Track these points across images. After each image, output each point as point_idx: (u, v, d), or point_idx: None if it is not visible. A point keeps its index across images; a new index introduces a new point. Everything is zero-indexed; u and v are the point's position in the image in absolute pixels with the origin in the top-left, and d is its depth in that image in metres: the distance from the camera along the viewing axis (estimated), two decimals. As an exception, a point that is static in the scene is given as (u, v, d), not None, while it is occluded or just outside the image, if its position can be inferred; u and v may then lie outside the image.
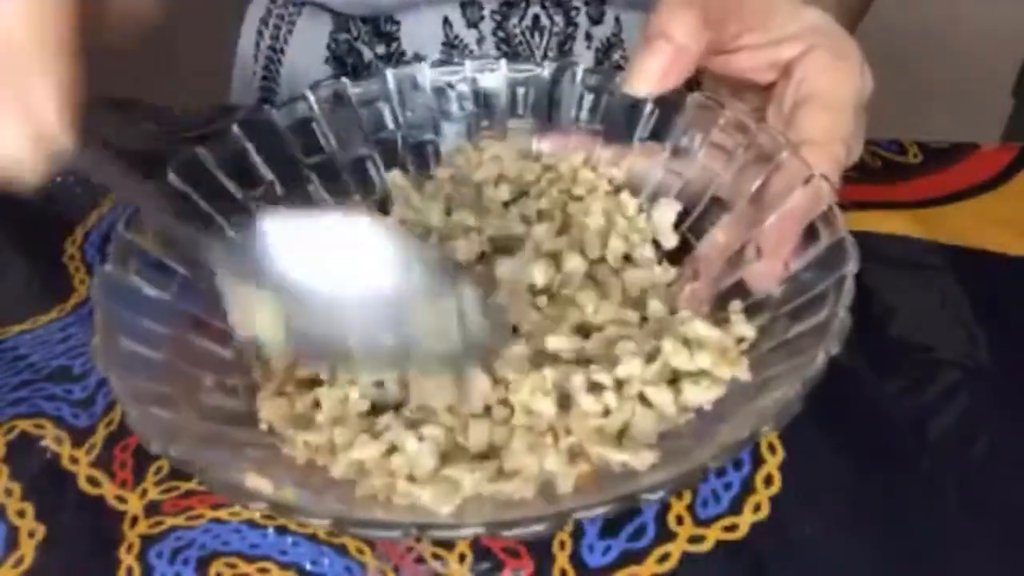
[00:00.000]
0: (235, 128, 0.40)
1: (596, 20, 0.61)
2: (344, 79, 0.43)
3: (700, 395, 0.34)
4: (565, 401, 0.34)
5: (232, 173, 0.40)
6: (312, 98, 0.42)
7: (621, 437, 0.33)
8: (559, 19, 0.60)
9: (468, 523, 0.29)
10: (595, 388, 0.34)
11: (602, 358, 0.36)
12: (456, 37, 0.60)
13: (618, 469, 0.32)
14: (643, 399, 0.34)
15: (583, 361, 0.36)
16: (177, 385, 0.33)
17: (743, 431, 0.30)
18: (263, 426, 0.35)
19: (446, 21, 0.60)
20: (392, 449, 0.33)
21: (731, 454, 0.30)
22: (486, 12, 0.60)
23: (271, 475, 0.30)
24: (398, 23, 0.61)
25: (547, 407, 0.34)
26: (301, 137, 0.42)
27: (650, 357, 0.35)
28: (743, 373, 0.34)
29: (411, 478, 0.32)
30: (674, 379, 0.35)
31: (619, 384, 0.34)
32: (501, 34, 0.60)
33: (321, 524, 0.32)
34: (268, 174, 0.41)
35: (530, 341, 0.36)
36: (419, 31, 0.61)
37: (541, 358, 0.36)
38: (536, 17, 0.60)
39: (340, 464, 0.33)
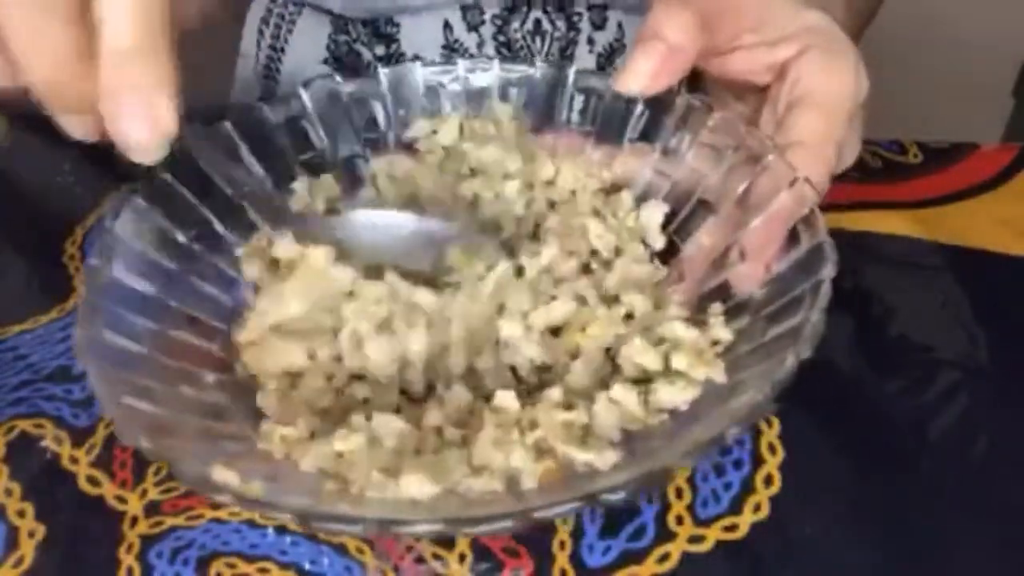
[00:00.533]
0: (227, 125, 0.40)
1: (598, 25, 0.60)
2: (337, 76, 0.43)
3: (675, 395, 0.34)
4: (530, 388, 0.35)
5: (222, 170, 0.40)
6: (304, 95, 0.42)
7: (587, 436, 0.33)
8: (561, 24, 0.60)
9: (429, 519, 0.29)
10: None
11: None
12: (456, 41, 0.60)
13: (582, 468, 0.32)
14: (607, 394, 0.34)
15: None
16: (160, 379, 0.33)
17: (710, 434, 0.29)
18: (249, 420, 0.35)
19: (446, 25, 0.60)
20: (371, 441, 0.33)
21: (695, 456, 0.30)
22: (487, 16, 0.59)
23: (241, 469, 0.29)
24: (398, 26, 0.61)
25: (511, 401, 0.34)
26: (292, 134, 0.42)
27: (609, 353, 0.36)
28: (718, 375, 0.34)
29: (385, 470, 0.32)
30: (646, 378, 0.35)
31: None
32: (502, 38, 0.60)
33: (284, 518, 0.31)
34: (258, 170, 0.41)
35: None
36: (419, 35, 0.60)
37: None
38: (538, 22, 0.60)
39: (315, 457, 0.33)
